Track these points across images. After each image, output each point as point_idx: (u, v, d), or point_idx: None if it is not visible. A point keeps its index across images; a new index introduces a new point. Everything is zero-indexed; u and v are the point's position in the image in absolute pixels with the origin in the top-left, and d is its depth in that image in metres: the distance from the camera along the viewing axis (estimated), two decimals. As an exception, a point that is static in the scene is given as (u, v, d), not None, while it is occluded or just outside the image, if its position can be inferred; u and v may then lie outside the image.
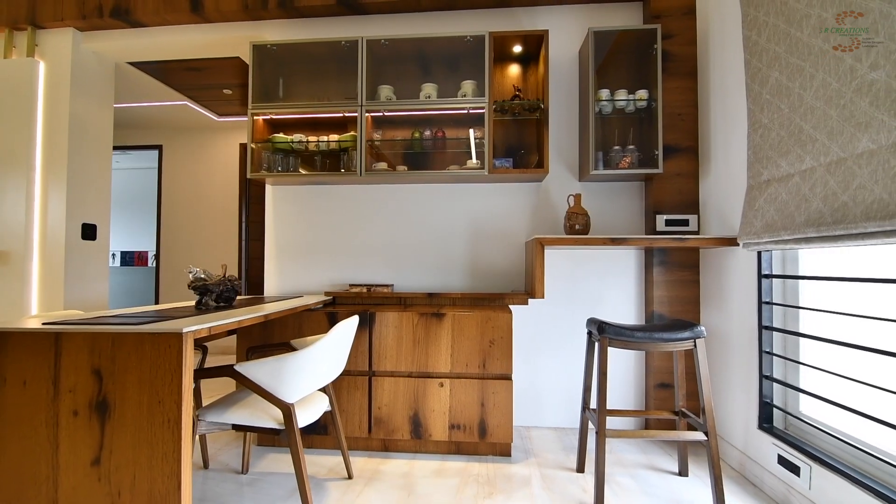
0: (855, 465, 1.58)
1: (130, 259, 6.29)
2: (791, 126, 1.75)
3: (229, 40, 3.02)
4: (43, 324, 1.31)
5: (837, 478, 1.55)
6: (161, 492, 1.20)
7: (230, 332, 2.35)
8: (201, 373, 1.65)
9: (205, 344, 2.24)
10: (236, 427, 1.62)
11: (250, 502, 1.83)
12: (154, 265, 5.22)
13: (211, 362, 3.81)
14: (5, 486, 1.25)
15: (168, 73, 3.70)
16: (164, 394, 1.20)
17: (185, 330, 1.21)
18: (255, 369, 1.52)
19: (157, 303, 5.02)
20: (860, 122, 1.44)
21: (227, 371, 1.56)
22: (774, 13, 1.86)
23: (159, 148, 5.03)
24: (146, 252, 6.22)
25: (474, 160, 2.65)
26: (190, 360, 1.23)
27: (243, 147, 4.94)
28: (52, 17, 2.95)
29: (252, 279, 4.70)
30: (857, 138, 1.45)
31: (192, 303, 2.10)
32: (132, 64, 3.45)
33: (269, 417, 1.59)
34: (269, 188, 2.96)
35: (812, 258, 1.87)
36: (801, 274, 1.90)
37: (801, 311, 1.88)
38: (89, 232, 3.11)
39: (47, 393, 1.24)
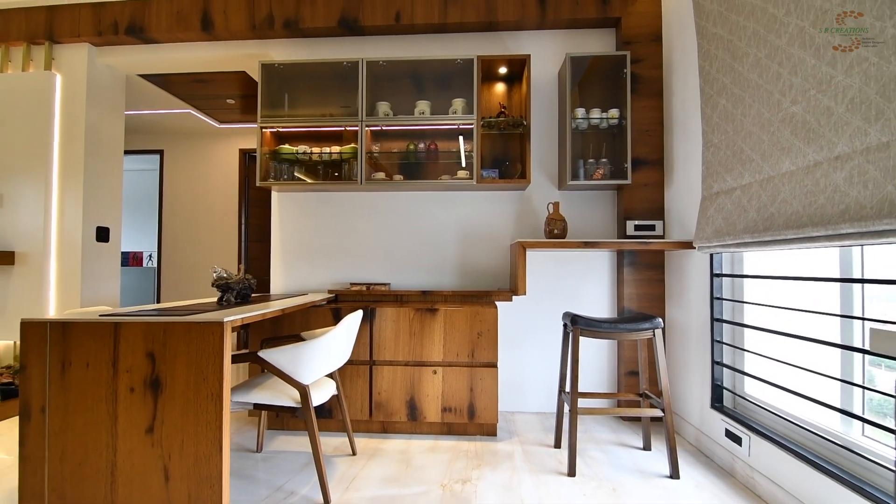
0: (784, 434, 1.88)
1: (125, 259, 6.41)
2: (734, 147, 2.05)
3: (236, 56, 3.24)
4: (100, 315, 1.54)
5: (770, 445, 1.85)
6: (205, 454, 1.45)
7: (243, 327, 2.60)
8: (228, 359, 1.89)
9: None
10: (258, 406, 1.87)
11: (267, 475, 2.07)
12: (152, 265, 5.39)
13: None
14: (72, 451, 1.49)
15: (174, 83, 3.90)
16: (208, 372, 1.45)
17: (226, 319, 1.46)
18: (277, 355, 1.76)
19: (158, 302, 5.20)
20: (784, 147, 1.74)
21: (251, 357, 1.81)
22: (723, 48, 2.16)
23: (160, 152, 5.20)
24: (141, 252, 6.36)
25: (464, 166, 2.92)
26: (229, 345, 1.48)
27: (243, 152, 5.15)
28: (69, 34, 3.15)
29: (252, 279, 4.91)
30: (781, 160, 1.75)
31: (206, 300, 2.34)
32: (141, 75, 3.66)
33: (287, 398, 1.84)
34: (274, 195, 3.20)
35: (755, 259, 2.18)
36: (745, 273, 2.21)
37: (745, 305, 2.19)
38: (103, 234, 3.31)
39: (107, 373, 1.48)
